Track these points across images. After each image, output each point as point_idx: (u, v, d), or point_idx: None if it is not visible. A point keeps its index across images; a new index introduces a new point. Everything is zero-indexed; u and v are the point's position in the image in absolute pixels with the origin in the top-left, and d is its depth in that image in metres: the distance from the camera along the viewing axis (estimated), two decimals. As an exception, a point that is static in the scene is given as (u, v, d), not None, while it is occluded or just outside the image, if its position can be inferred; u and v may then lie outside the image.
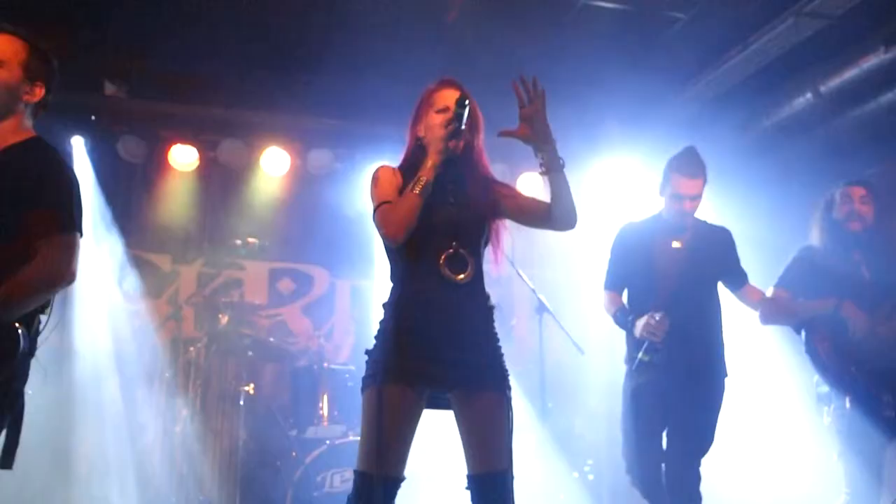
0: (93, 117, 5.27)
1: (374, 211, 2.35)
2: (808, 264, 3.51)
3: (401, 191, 2.34)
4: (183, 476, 4.51)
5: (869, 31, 4.23)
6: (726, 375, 3.23)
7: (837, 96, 4.52)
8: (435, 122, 2.37)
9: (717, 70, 4.91)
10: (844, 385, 3.35)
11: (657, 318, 3.01)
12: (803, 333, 3.52)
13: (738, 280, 3.40)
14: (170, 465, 4.54)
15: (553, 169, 2.35)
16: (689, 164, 3.24)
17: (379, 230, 2.33)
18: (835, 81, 4.49)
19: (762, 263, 5.29)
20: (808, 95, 4.65)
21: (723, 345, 3.24)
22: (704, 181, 3.27)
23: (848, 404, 3.32)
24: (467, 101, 2.30)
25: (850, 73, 4.37)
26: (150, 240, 5.61)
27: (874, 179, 4.75)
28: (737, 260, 3.43)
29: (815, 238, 3.62)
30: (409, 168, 2.40)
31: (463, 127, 2.32)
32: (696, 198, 3.26)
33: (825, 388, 3.44)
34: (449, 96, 2.39)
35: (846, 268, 3.46)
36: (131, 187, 5.64)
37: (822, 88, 4.55)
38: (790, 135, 4.98)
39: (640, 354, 3.06)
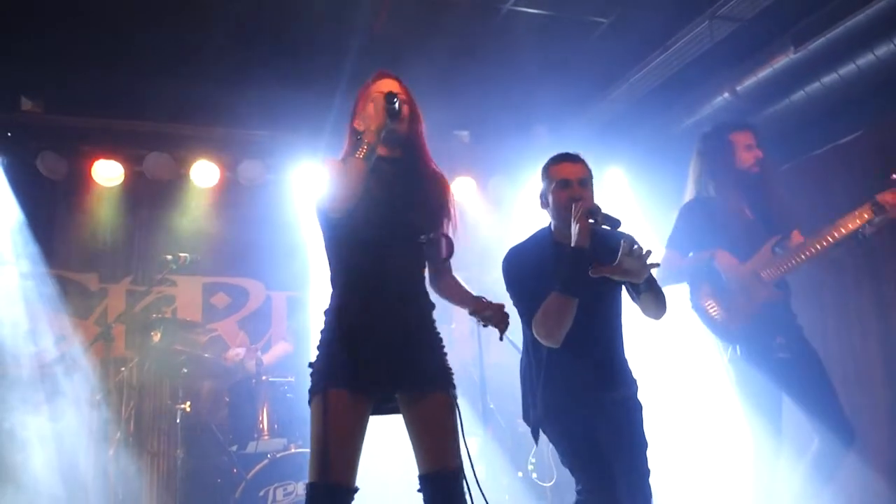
0: (9, 134, 5.08)
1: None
2: (697, 218, 3.46)
3: None
4: (119, 501, 4.38)
5: (779, 32, 4.42)
6: (637, 389, 2.87)
7: (753, 95, 4.70)
8: (373, 110, 2.35)
9: (639, 72, 5.06)
10: (732, 336, 3.35)
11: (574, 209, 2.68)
12: (688, 290, 3.48)
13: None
14: (105, 489, 4.39)
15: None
16: (565, 155, 2.93)
17: (326, 204, 2.27)
18: (750, 81, 4.66)
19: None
20: (726, 95, 4.82)
21: (626, 358, 2.90)
22: (587, 168, 2.89)
23: (738, 352, 3.31)
24: (395, 99, 2.32)
25: (763, 73, 4.55)
26: (74, 259, 5.44)
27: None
28: None
29: (697, 191, 3.55)
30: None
31: (398, 108, 2.32)
32: (585, 182, 2.81)
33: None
34: (384, 85, 2.42)
35: (733, 214, 3.44)
36: (53, 205, 5.45)
37: (739, 88, 4.73)
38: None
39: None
